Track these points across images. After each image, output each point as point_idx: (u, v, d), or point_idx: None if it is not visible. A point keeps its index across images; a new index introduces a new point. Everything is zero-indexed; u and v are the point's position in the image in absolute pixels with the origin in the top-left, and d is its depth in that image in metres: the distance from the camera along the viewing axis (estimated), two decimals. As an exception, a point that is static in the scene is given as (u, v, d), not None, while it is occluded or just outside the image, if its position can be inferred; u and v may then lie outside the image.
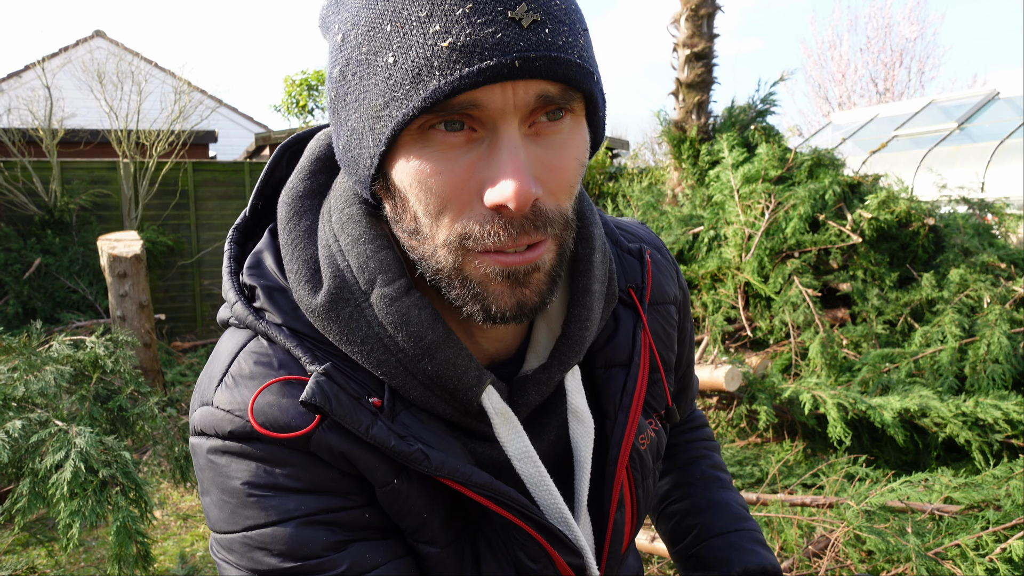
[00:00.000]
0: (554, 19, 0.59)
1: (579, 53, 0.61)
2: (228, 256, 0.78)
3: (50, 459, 2.17)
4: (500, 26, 0.57)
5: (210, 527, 0.72)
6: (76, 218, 7.92)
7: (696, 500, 1.02)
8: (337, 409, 0.65)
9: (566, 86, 0.61)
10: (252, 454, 0.68)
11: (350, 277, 0.69)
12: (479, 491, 0.69)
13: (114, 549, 2.17)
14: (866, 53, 21.07)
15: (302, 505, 0.68)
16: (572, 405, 0.78)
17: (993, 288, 4.28)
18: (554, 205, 0.64)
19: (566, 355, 0.76)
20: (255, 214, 0.82)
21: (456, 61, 0.57)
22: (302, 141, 0.84)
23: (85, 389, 2.82)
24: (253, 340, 0.72)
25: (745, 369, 4.19)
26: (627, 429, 0.80)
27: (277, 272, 0.74)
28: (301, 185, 0.76)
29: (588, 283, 0.77)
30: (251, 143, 12.48)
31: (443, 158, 0.61)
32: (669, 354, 0.92)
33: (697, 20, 6.24)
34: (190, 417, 0.73)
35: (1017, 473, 2.89)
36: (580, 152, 0.66)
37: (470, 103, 0.59)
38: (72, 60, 11.61)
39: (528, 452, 0.73)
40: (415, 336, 0.68)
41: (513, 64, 0.57)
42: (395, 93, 0.59)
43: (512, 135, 0.60)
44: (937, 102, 10.57)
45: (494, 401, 0.71)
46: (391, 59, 0.59)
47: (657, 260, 0.93)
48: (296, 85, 14.74)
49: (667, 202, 6.39)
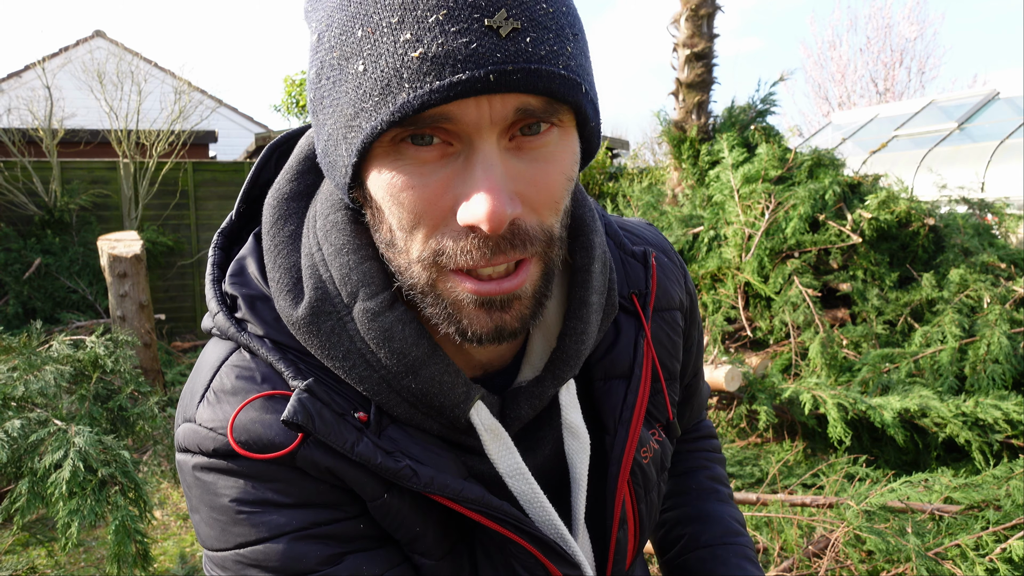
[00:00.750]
0: (538, 26, 0.55)
1: (564, 63, 0.56)
2: (211, 263, 0.75)
3: (49, 458, 2.17)
4: (475, 35, 0.53)
5: (201, 544, 0.70)
6: (76, 218, 7.92)
7: (689, 510, 0.99)
8: (320, 427, 0.63)
9: (548, 99, 0.57)
10: (238, 471, 0.65)
11: (332, 289, 0.66)
12: (470, 506, 0.67)
13: (113, 548, 2.17)
14: (866, 53, 21.08)
15: (293, 520, 0.66)
16: (567, 420, 0.74)
17: (993, 288, 4.28)
18: (536, 222, 0.61)
19: (560, 369, 0.73)
20: (241, 217, 0.79)
21: (427, 73, 0.53)
22: (291, 140, 0.80)
23: (85, 389, 2.82)
24: (235, 353, 0.70)
25: (745, 369, 4.19)
26: (627, 445, 0.77)
27: (260, 280, 0.71)
28: (288, 187, 0.73)
29: (586, 295, 0.74)
30: (251, 143, 12.48)
31: (416, 172, 0.58)
32: (673, 363, 0.87)
33: (697, 20, 6.24)
34: (175, 433, 0.71)
35: (1017, 473, 2.89)
36: (567, 166, 0.62)
37: (442, 116, 0.55)
38: (72, 60, 11.61)
39: (519, 469, 0.70)
40: (398, 353, 0.65)
41: (488, 78, 0.53)
42: (364, 104, 0.56)
43: (488, 151, 0.57)
44: (937, 102, 10.57)
45: (483, 417, 0.69)
46: (361, 67, 0.56)
47: (663, 263, 0.89)
48: (296, 85, 14.73)
49: (667, 202, 6.39)
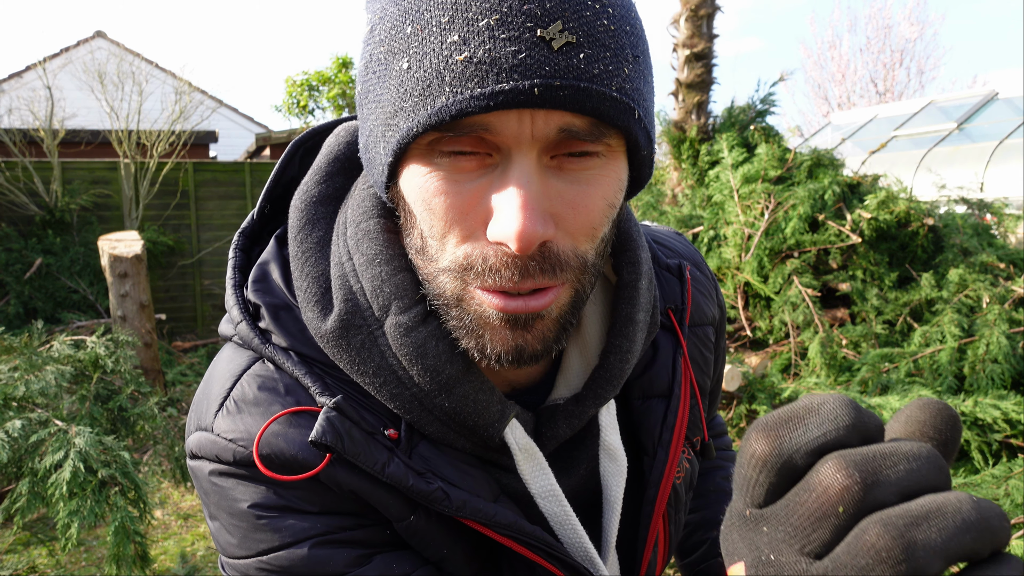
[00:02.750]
0: (594, 43, 0.51)
1: (619, 85, 0.53)
2: (232, 266, 0.71)
3: (49, 459, 2.18)
4: (525, 44, 0.49)
5: (221, 552, 0.67)
6: (77, 218, 7.92)
7: (708, 514, 0.98)
8: (350, 448, 0.60)
9: (596, 120, 0.53)
10: (258, 478, 0.63)
11: (363, 301, 0.63)
12: (503, 532, 0.64)
13: (112, 549, 2.17)
14: (866, 53, 21.11)
15: (317, 524, 0.63)
16: (605, 442, 0.71)
17: (992, 288, 4.28)
18: (570, 247, 0.57)
19: (603, 388, 0.69)
20: (263, 217, 0.75)
21: (469, 79, 0.50)
22: (318, 136, 0.76)
23: (85, 389, 2.82)
24: (257, 363, 0.66)
25: (745, 369, 4.19)
26: (667, 467, 0.73)
27: (284, 287, 0.68)
28: (316, 189, 0.69)
29: (632, 312, 0.70)
30: (251, 143, 12.50)
31: (450, 179, 0.55)
32: (705, 379, 0.84)
33: (697, 20, 6.24)
34: (186, 438, 0.68)
35: (1016, 472, 2.90)
36: (611, 193, 0.58)
37: (480, 126, 0.52)
38: (73, 60, 11.62)
39: (553, 490, 0.67)
40: (432, 370, 0.61)
41: (532, 91, 0.50)
42: (404, 103, 0.53)
43: (526, 166, 0.53)
44: (936, 102, 10.57)
45: (518, 436, 0.65)
46: (405, 64, 0.53)
47: (697, 278, 0.85)
48: (297, 86, 14.72)
49: (667, 202, 6.39)
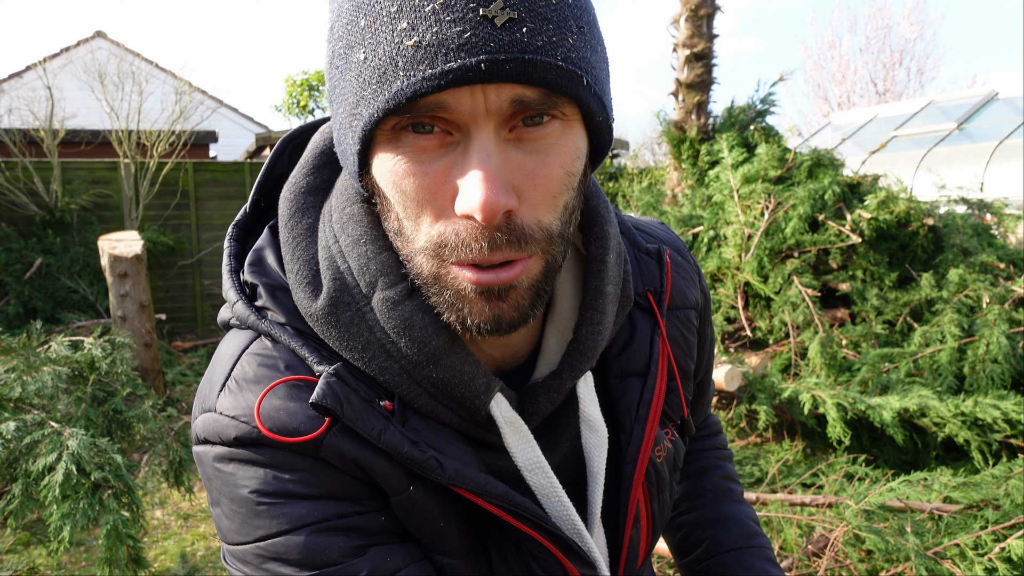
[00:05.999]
0: (536, 16, 0.55)
1: (564, 54, 0.56)
2: (228, 254, 0.74)
3: (42, 461, 2.17)
4: (470, 24, 0.53)
5: (222, 538, 0.69)
6: (77, 218, 7.93)
7: (706, 513, 0.99)
8: (348, 412, 0.62)
9: (546, 90, 0.56)
10: (260, 460, 0.64)
11: (350, 280, 0.66)
12: (493, 501, 0.66)
13: (104, 552, 2.16)
14: (866, 53, 21.11)
15: (315, 511, 0.65)
16: (584, 413, 0.74)
17: (992, 288, 4.27)
18: (534, 220, 0.60)
19: (578, 360, 0.72)
20: (256, 210, 0.78)
21: (420, 61, 0.54)
22: (306, 133, 0.80)
23: (82, 391, 2.82)
24: (256, 341, 0.69)
25: (745, 369, 4.18)
26: (643, 443, 0.76)
27: (279, 270, 0.71)
28: (304, 180, 0.73)
29: (601, 285, 0.73)
30: (252, 143, 12.50)
31: (416, 160, 0.58)
32: (688, 362, 0.87)
33: (697, 20, 6.23)
34: (192, 425, 0.70)
35: (1016, 472, 2.89)
36: (568, 160, 0.61)
37: (436, 105, 0.55)
38: (73, 60, 11.63)
39: (539, 462, 0.70)
40: (418, 341, 0.64)
41: (479, 67, 0.53)
42: (364, 92, 0.57)
43: (484, 140, 0.57)
44: (936, 102, 10.56)
45: (503, 409, 0.68)
46: (362, 56, 0.57)
47: (677, 262, 0.88)
48: (297, 85, 14.72)
49: (667, 202, 6.38)
